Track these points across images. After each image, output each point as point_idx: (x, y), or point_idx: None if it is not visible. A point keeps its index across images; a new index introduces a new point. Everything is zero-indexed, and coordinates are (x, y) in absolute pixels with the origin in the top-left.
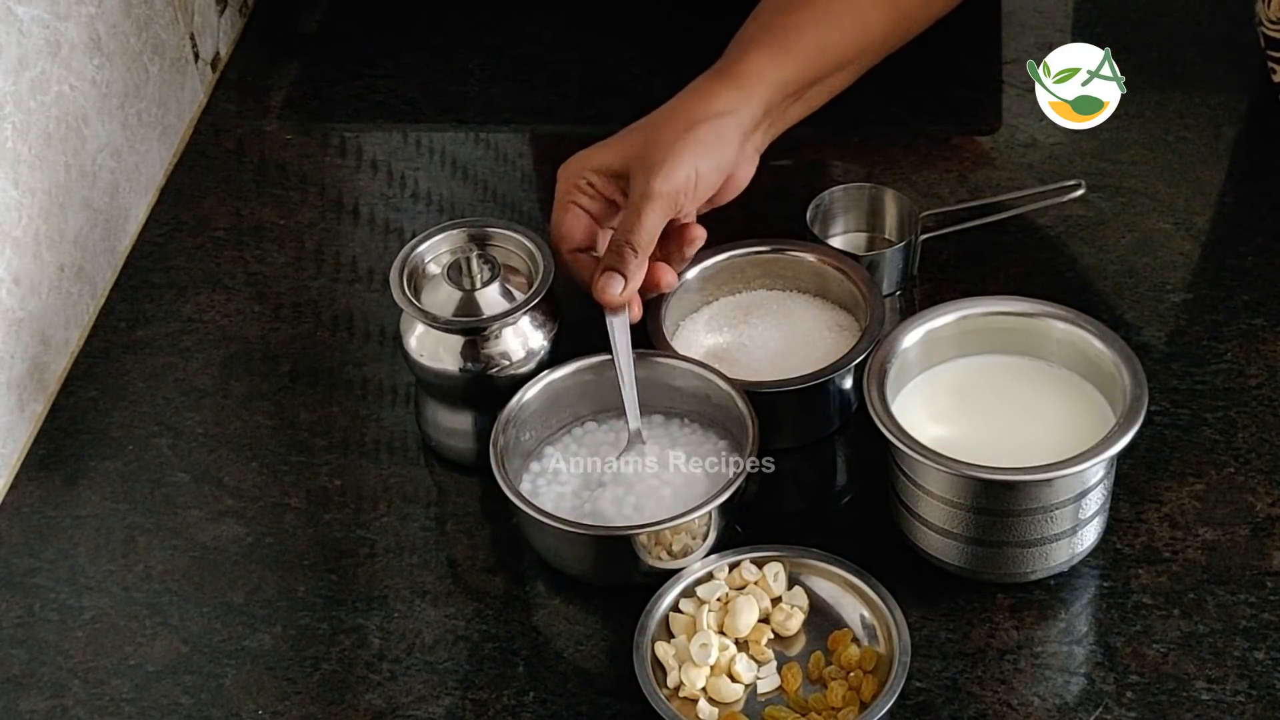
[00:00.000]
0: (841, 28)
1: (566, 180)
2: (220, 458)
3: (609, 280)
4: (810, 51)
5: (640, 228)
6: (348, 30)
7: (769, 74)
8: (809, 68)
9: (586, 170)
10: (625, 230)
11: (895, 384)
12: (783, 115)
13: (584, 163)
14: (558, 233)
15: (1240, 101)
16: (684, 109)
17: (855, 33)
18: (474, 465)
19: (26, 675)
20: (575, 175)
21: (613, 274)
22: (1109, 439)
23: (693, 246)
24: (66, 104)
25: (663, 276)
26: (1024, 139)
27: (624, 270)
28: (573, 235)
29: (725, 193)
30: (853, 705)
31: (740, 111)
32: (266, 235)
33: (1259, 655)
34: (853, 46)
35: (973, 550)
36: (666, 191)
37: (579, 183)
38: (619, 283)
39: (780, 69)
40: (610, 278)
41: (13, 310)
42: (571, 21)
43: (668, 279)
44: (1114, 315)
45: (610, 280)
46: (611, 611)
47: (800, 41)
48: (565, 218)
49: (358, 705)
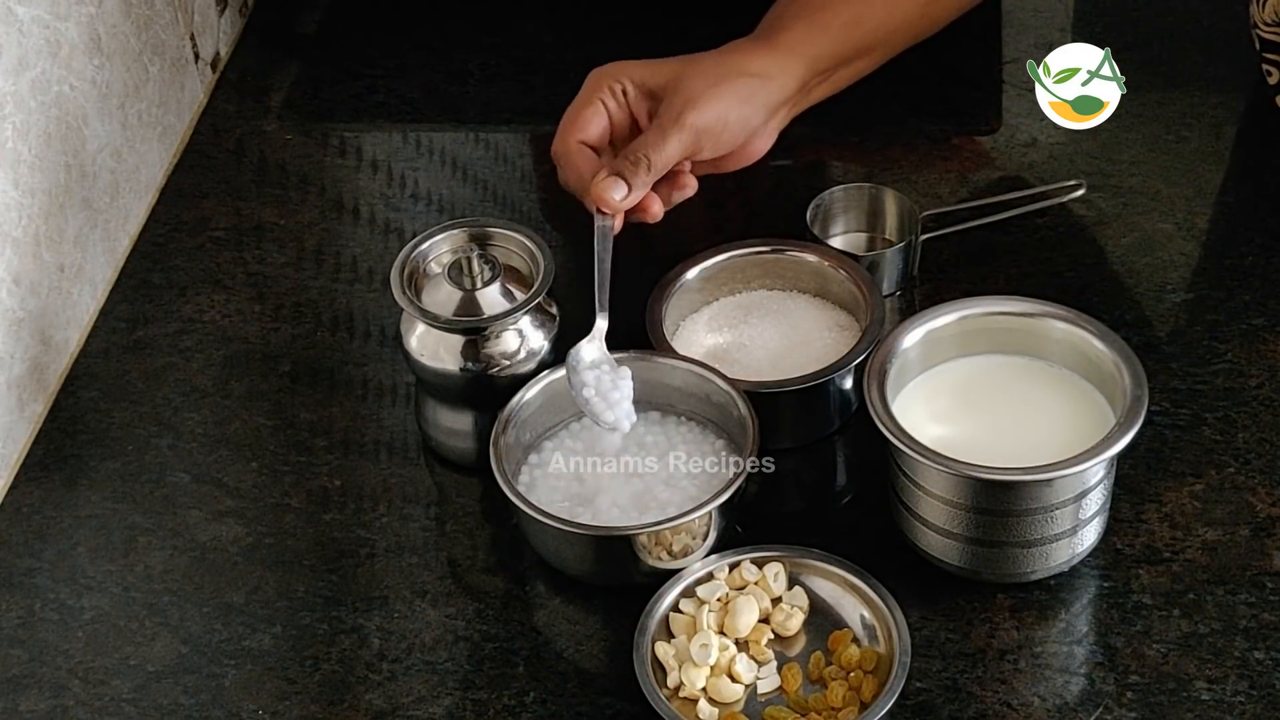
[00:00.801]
0: (873, 8)
1: (600, 79)
2: (220, 458)
3: (613, 183)
4: (845, 29)
5: (663, 148)
6: (348, 30)
7: (805, 48)
8: (842, 46)
9: (624, 77)
10: (648, 146)
11: (895, 384)
12: (808, 95)
13: (622, 69)
14: (572, 121)
15: (1240, 101)
16: (727, 60)
17: (885, 14)
18: (474, 465)
19: (26, 675)
20: (611, 77)
21: (617, 180)
22: (1109, 439)
23: (682, 193)
24: (66, 104)
25: (651, 205)
26: (1024, 139)
27: (632, 180)
28: (588, 127)
29: (735, 158)
30: (853, 705)
31: (775, 80)
32: (266, 235)
33: (1259, 655)
34: (882, 28)
35: (973, 550)
36: (698, 126)
37: (613, 85)
38: (622, 189)
39: (816, 44)
40: (615, 182)
41: (13, 310)
42: (571, 21)
43: (655, 209)
44: (1114, 315)
45: (615, 184)
46: (611, 611)
47: (836, 18)
48: (587, 110)
49: (358, 705)
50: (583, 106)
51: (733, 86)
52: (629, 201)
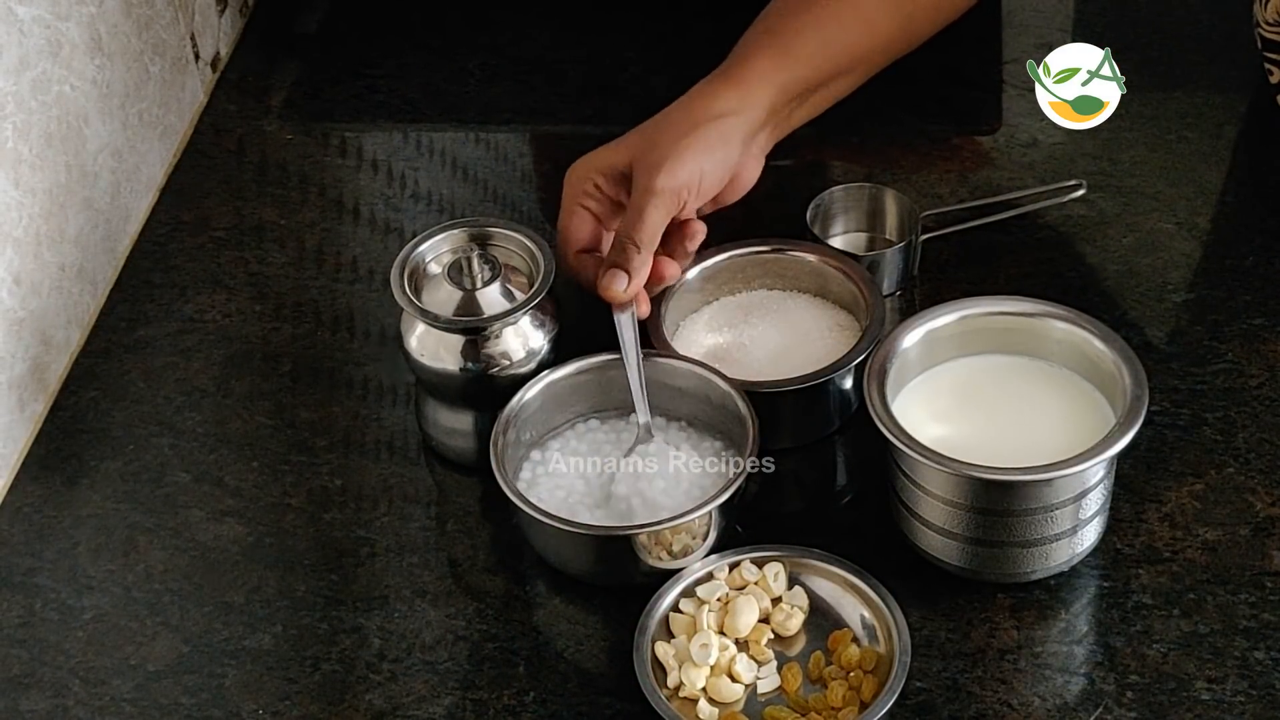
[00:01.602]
0: (845, 31)
1: (573, 184)
2: (220, 458)
3: (613, 277)
4: (813, 54)
5: (642, 224)
6: (348, 30)
7: (771, 76)
8: (812, 70)
9: (592, 172)
10: (628, 227)
11: (895, 384)
12: (788, 118)
13: (589, 165)
14: (564, 235)
15: (1241, 101)
16: (688, 110)
17: (860, 36)
18: (474, 465)
19: (26, 675)
20: (581, 178)
21: (616, 271)
22: (1109, 439)
23: (694, 241)
24: (67, 104)
25: (666, 269)
26: (1024, 139)
27: (627, 267)
28: (579, 237)
29: (730, 192)
30: (853, 705)
31: (743, 112)
32: (267, 235)
33: (1259, 655)
34: (857, 49)
35: (973, 550)
36: (669, 188)
37: (586, 186)
38: (623, 279)
39: (782, 71)
40: (614, 274)
41: (13, 310)
42: (571, 21)
43: (671, 271)
44: (1114, 315)
45: (614, 277)
46: (611, 611)
47: (804, 45)
48: (572, 220)
49: (358, 705)
50: (568, 218)
51: (699, 137)
52: (634, 286)
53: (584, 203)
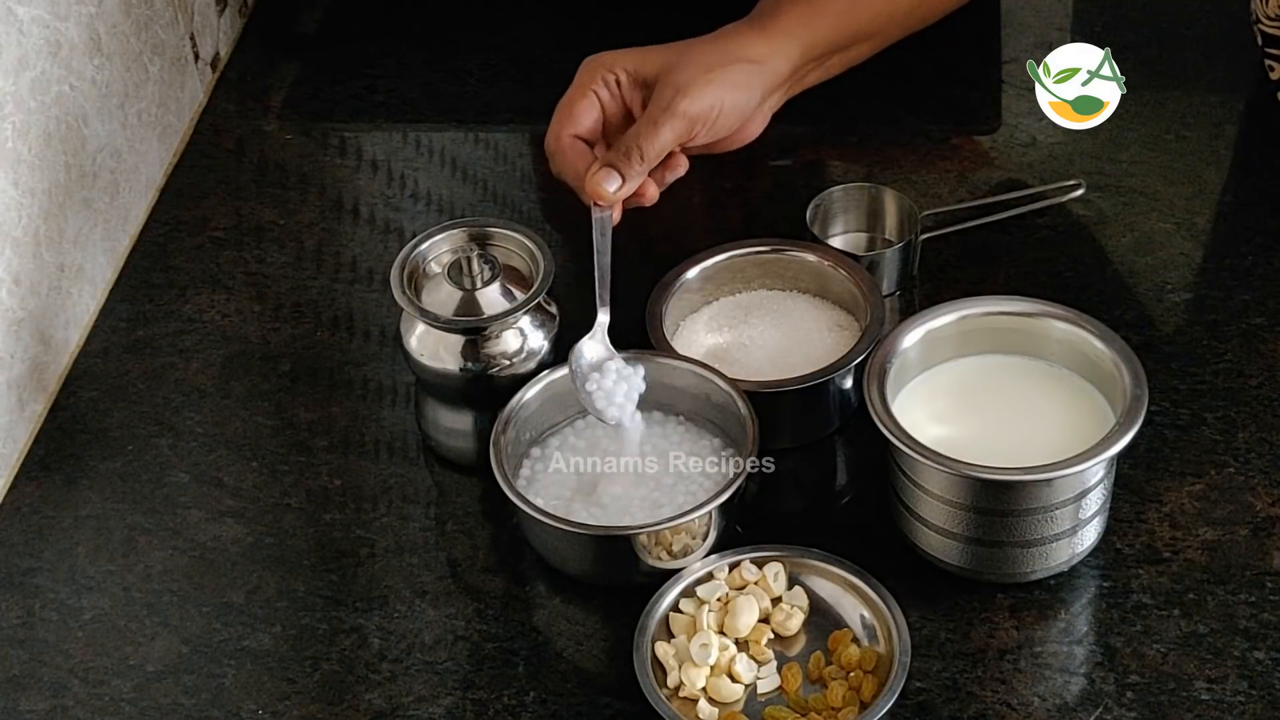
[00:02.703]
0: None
1: (592, 70)
2: (220, 458)
3: (607, 175)
4: (841, 14)
5: (655, 138)
6: (348, 30)
7: (799, 32)
8: (837, 31)
9: (617, 66)
10: (639, 137)
11: (895, 384)
12: (803, 79)
13: (615, 59)
14: (566, 114)
15: (1240, 100)
16: (718, 45)
17: (883, 2)
18: (474, 465)
19: (26, 675)
20: (604, 67)
21: (612, 171)
22: (1109, 439)
23: (674, 173)
24: (66, 104)
25: (646, 189)
26: (1024, 139)
27: (626, 171)
28: (581, 121)
29: (731, 140)
30: (853, 705)
31: (768, 62)
32: (266, 235)
33: (1259, 655)
34: (880, 15)
35: (973, 550)
36: (691, 114)
37: (606, 75)
38: (615, 181)
39: (810, 29)
40: (609, 174)
41: (13, 310)
42: (571, 21)
43: (652, 192)
44: (1114, 315)
45: (609, 176)
46: (611, 611)
47: (833, 4)
48: (581, 102)
49: (358, 705)
50: (576, 98)
51: (726, 73)
52: (623, 193)
53: (598, 90)
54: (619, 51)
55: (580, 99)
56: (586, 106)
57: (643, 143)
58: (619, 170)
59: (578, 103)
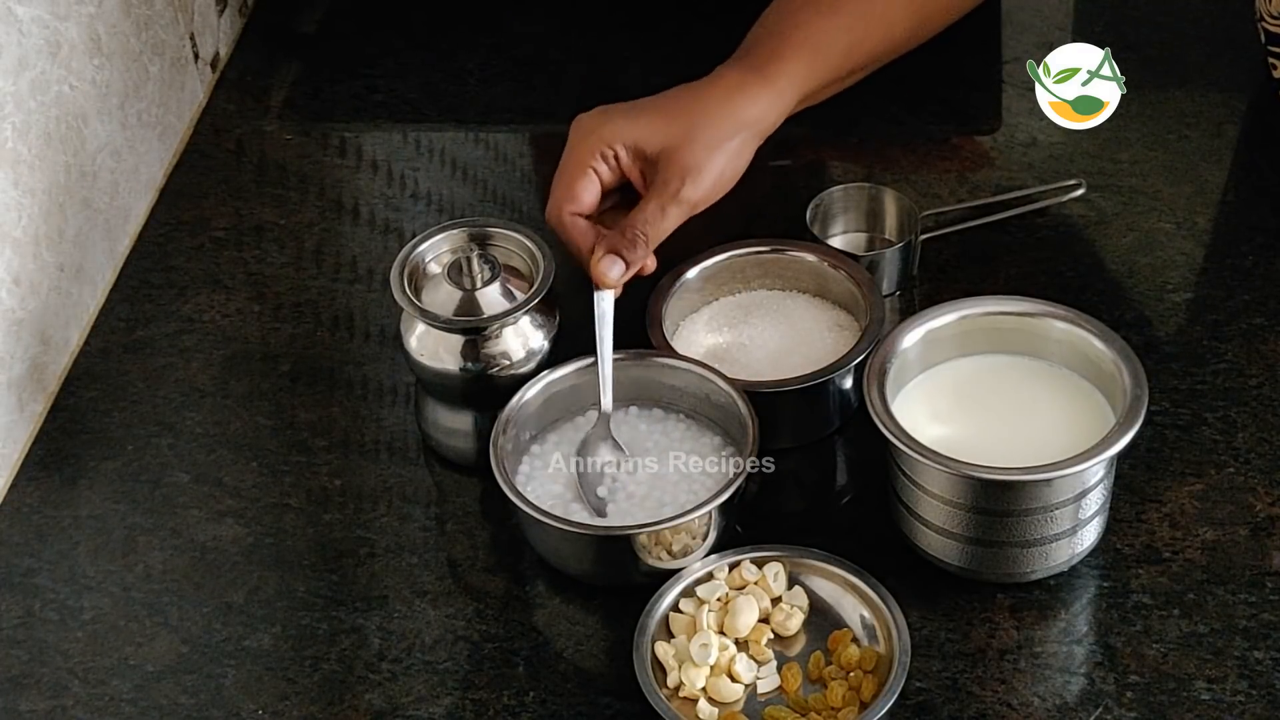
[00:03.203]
0: (870, 32)
1: (591, 144)
2: (220, 458)
3: (611, 263)
4: (842, 56)
5: (661, 225)
6: (348, 30)
7: (802, 81)
8: (836, 72)
9: (615, 141)
10: (644, 222)
11: (895, 384)
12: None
13: (615, 133)
14: (566, 192)
15: (1241, 100)
16: (722, 110)
17: (881, 39)
18: (474, 465)
19: (26, 675)
20: (603, 142)
21: (616, 259)
22: (1109, 439)
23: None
24: (66, 104)
25: (648, 262)
26: (1024, 139)
27: (630, 258)
28: (583, 199)
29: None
30: (853, 705)
31: (768, 120)
32: (266, 235)
33: (1259, 655)
34: (876, 51)
35: (973, 550)
36: (694, 200)
37: (605, 151)
38: (620, 267)
39: (813, 76)
40: (614, 261)
41: (13, 310)
42: (571, 21)
43: (651, 264)
44: (1114, 315)
45: (613, 264)
46: (611, 611)
47: (834, 47)
48: (581, 180)
49: (358, 705)
50: (575, 176)
51: (731, 147)
52: (627, 277)
53: (596, 166)
54: (615, 119)
55: (580, 177)
56: (586, 185)
57: (648, 229)
58: (624, 257)
59: (577, 181)
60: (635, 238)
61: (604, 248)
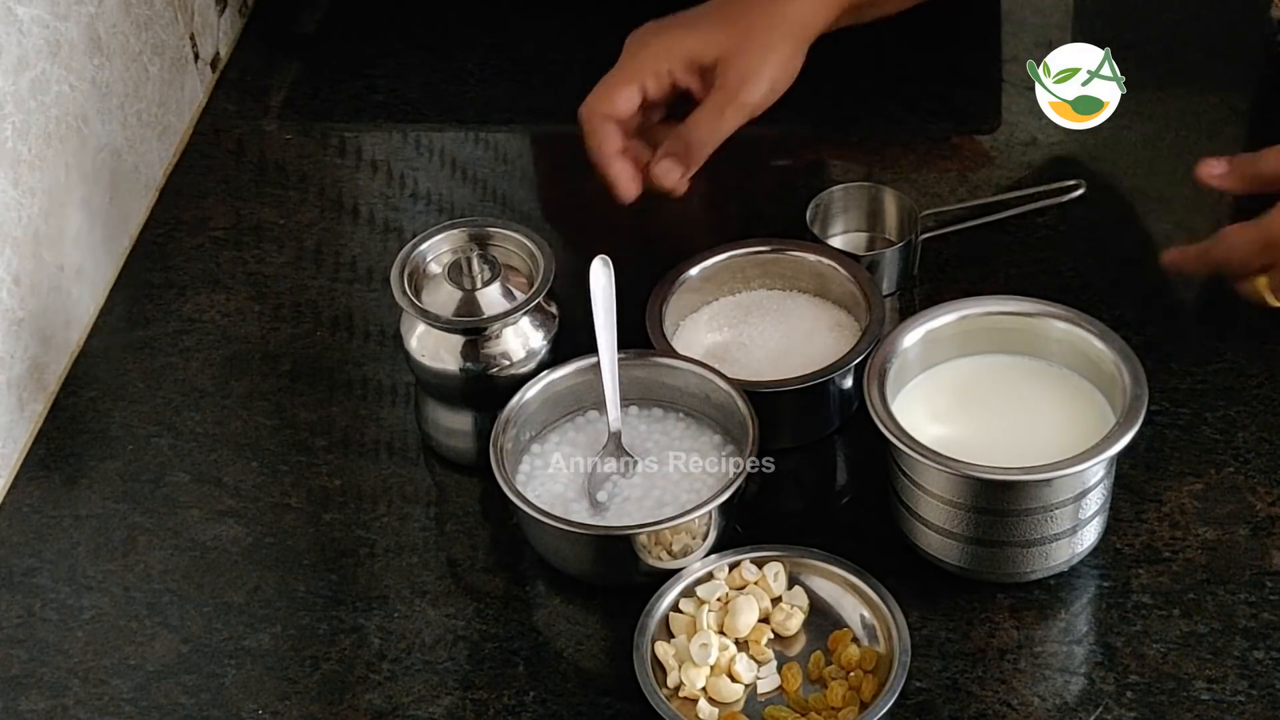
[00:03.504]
0: None
1: (643, 58)
2: (220, 458)
3: (672, 166)
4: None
5: (721, 131)
6: (348, 30)
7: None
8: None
9: (671, 57)
10: (706, 130)
11: (895, 384)
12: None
13: (670, 48)
14: (607, 95)
15: (1241, 100)
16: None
17: None
18: (474, 465)
19: (26, 675)
20: (655, 57)
21: (675, 164)
22: (1109, 439)
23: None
24: (66, 104)
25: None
26: (1024, 139)
27: (690, 163)
28: (624, 108)
29: None
30: (853, 705)
31: (816, 23)
32: (266, 235)
33: (1259, 655)
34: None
35: (973, 550)
36: (753, 103)
37: (658, 66)
38: (678, 172)
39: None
40: (673, 165)
41: (13, 310)
42: (571, 21)
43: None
44: (1114, 315)
45: (673, 168)
46: (611, 611)
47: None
48: (625, 89)
49: (358, 705)
50: (619, 84)
51: (785, 50)
52: (684, 184)
53: (646, 80)
54: (672, 31)
55: (624, 86)
56: (630, 94)
57: (709, 135)
58: (682, 162)
59: (620, 88)
60: (693, 143)
61: (662, 153)
